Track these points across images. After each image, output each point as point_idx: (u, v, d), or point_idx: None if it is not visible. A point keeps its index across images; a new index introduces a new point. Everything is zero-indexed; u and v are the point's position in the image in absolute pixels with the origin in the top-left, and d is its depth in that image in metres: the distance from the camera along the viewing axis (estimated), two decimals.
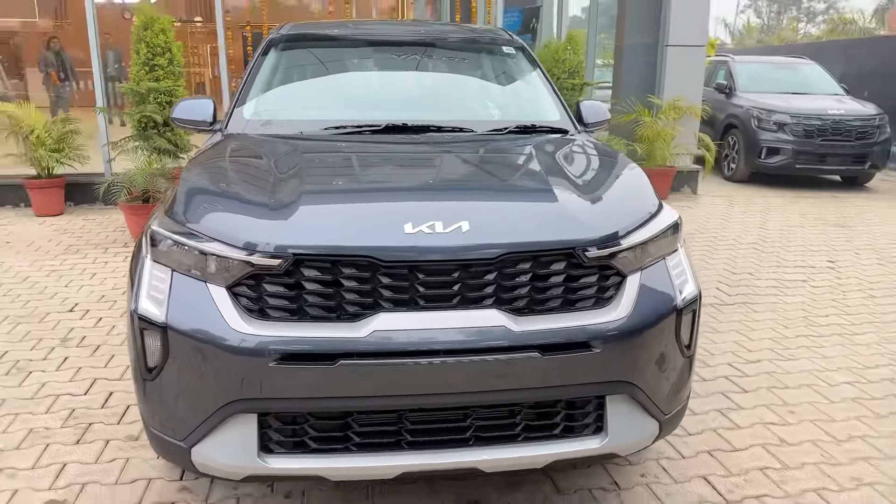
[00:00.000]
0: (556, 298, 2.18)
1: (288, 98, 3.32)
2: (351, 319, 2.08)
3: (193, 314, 2.10)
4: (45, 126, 6.96)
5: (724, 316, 4.50)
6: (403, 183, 2.51)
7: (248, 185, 2.38)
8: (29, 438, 2.96)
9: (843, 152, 9.16)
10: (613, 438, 2.23)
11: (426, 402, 2.11)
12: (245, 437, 2.10)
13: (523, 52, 3.69)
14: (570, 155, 2.82)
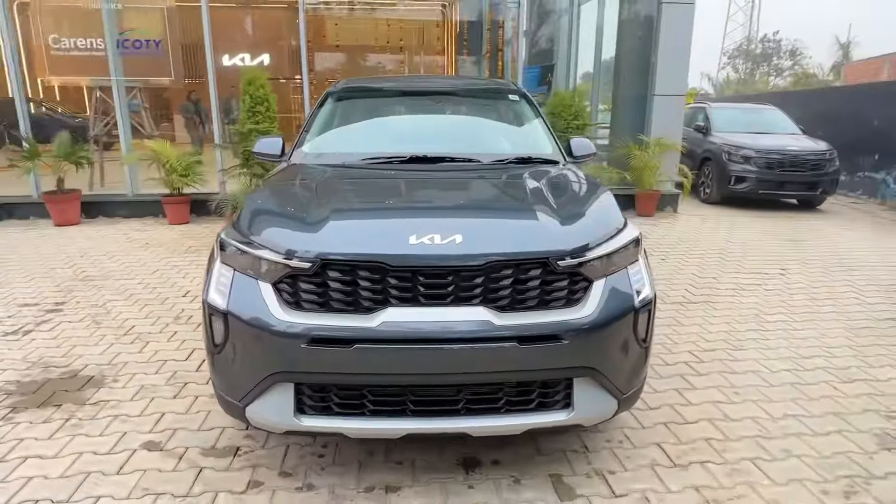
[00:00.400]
0: (534, 299, 2.08)
1: (337, 136, 3.29)
2: (365, 312, 2.02)
3: (247, 304, 2.07)
4: (177, 157, 7.13)
5: (688, 312, 4.27)
6: (414, 203, 2.44)
7: (293, 204, 2.35)
8: (140, 392, 3.00)
9: (800, 180, 8.68)
10: (578, 412, 2.12)
11: (425, 380, 2.04)
12: (284, 400, 2.07)
13: (525, 99, 3.58)
14: (554, 181, 2.70)
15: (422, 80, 3.88)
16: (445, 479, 2.31)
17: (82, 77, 7.85)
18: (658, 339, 3.72)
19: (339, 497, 2.20)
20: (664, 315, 4.17)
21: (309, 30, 13.95)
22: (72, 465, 2.38)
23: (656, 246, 6.28)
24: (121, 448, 2.50)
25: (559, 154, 3.19)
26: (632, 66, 8.39)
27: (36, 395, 2.96)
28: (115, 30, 7.33)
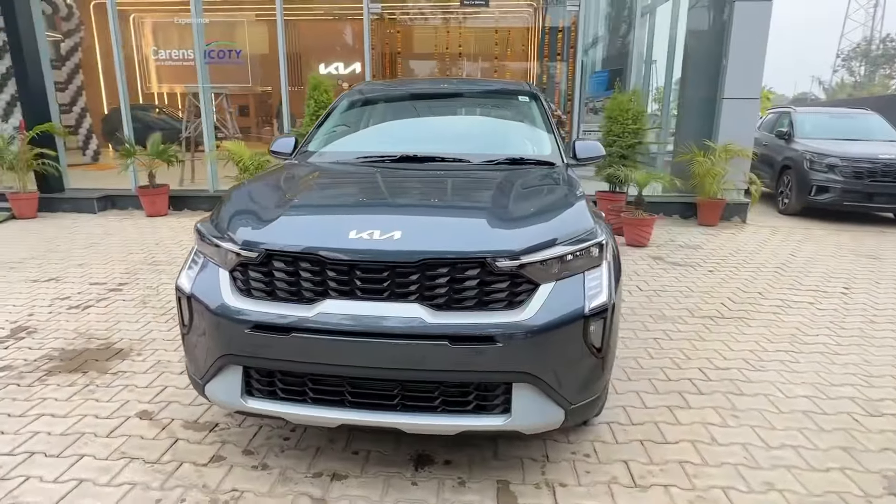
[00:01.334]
0: (472, 299, 2.01)
1: (341, 136, 3.35)
2: (306, 303, 2.04)
3: (206, 289, 2.17)
4: (250, 157, 7.59)
5: (716, 327, 3.91)
6: (372, 199, 2.44)
7: (261, 200, 2.41)
8: (154, 367, 3.22)
9: (892, 192, 7.68)
10: (516, 419, 2.02)
11: (357, 372, 2.02)
12: (233, 382, 2.14)
13: (536, 100, 3.45)
14: (531, 183, 2.59)
15: (435, 82, 3.86)
16: (393, 473, 2.29)
17: (176, 84, 8.59)
18: (669, 354, 3.45)
19: (287, 479, 2.25)
20: (686, 329, 3.86)
21: (397, 38, 14.37)
22: (73, 424, 2.62)
23: (706, 257, 5.82)
24: (118, 414, 2.71)
25: (559, 156, 3.05)
26: (700, 68, 7.84)
27: (71, 361, 3.28)
28: (202, 41, 7.95)
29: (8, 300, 4.33)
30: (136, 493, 2.15)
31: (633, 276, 5.07)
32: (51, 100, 8.16)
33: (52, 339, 3.61)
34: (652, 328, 3.87)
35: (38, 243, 6.17)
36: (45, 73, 8.01)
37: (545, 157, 3.02)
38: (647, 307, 4.27)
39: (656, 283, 4.88)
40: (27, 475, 2.25)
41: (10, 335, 3.67)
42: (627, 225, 6.28)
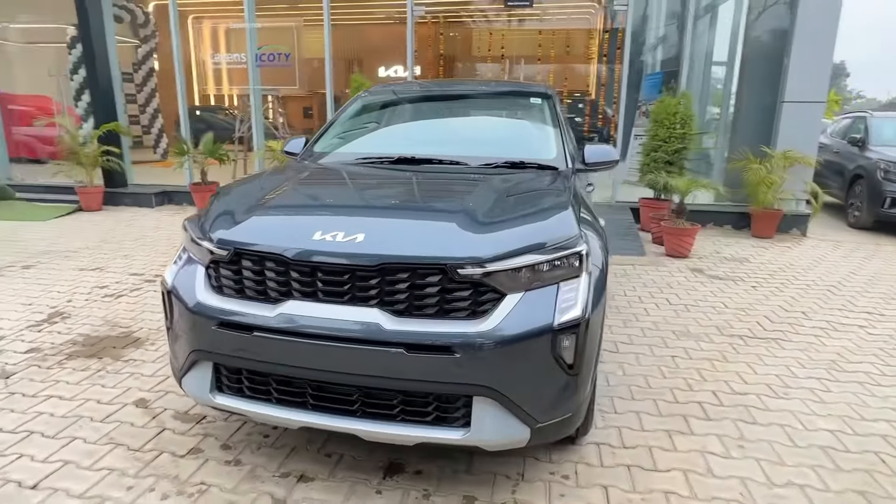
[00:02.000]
0: (432, 307, 1.93)
1: (347, 136, 3.35)
2: (271, 302, 2.04)
3: (184, 284, 2.21)
4: None
5: (744, 348, 3.62)
6: (344, 201, 2.41)
7: (244, 199, 2.41)
8: (163, 357, 3.33)
9: None
10: (476, 434, 1.93)
11: (315, 375, 2.00)
12: (204, 377, 2.18)
13: (548, 102, 3.32)
14: (521, 188, 2.48)
15: (449, 84, 3.79)
16: (360, 479, 2.25)
17: (231, 86, 8.98)
18: (684, 374, 3.22)
19: (255, 477, 2.26)
20: (709, 348, 3.60)
21: (453, 41, 14.39)
22: (75, 408, 2.75)
23: (752, 271, 5.42)
24: (118, 401, 2.83)
25: (564, 160, 2.91)
26: (759, 69, 7.35)
27: (92, 347, 3.47)
28: (255, 45, 8.26)
29: (54, 286, 4.65)
30: (111, 479, 2.22)
31: (665, 289, 4.80)
32: (118, 101, 8.73)
33: (81, 324, 3.83)
34: (672, 345, 3.63)
35: (95, 235, 6.61)
36: (113, 77, 8.58)
37: (548, 160, 2.89)
38: (672, 322, 4.02)
39: (688, 298, 4.59)
40: (21, 453, 2.38)
41: (47, 319, 3.93)
42: (667, 234, 5.96)
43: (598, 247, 2.34)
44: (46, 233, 6.70)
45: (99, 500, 2.11)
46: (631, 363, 3.35)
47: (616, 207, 7.58)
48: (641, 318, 4.10)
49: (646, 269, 5.44)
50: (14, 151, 10.61)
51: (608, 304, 4.35)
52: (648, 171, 6.82)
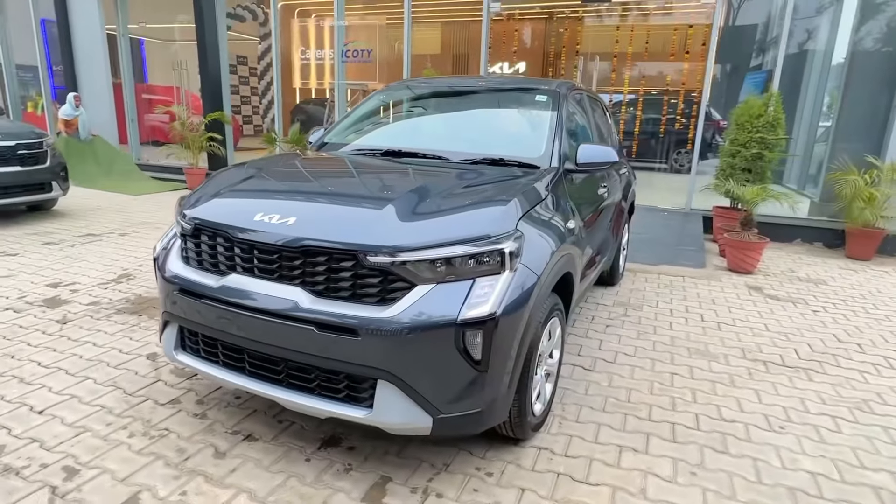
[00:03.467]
0: (346, 290, 2.06)
1: (357, 129, 3.52)
2: (218, 274, 2.28)
3: (164, 254, 2.53)
4: None
5: (761, 375, 3.30)
6: (297, 188, 2.58)
7: (225, 181, 2.67)
8: None
9: None
10: (377, 415, 2.04)
11: (247, 344, 2.20)
12: (171, 336, 2.47)
13: (555, 100, 3.25)
14: (474, 183, 2.49)
15: (463, 81, 3.80)
16: (296, 446, 2.43)
17: (322, 81, 9.62)
18: (675, 392, 3.03)
19: (210, 430, 2.53)
20: (720, 370, 3.33)
21: (562, 37, 14.14)
22: (101, 353, 3.22)
23: (823, 295, 4.85)
24: (135, 352, 3.26)
25: (547, 159, 2.86)
26: (868, 70, 6.47)
27: (139, 306, 4.00)
28: (342, 42, 8.79)
29: (135, 252, 5.37)
30: (99, 415, 2.61)
31: (705, 305, 4.47)
32: (225, 93, 9.71)
33: (140, 286, 4.42)
34: (679, 363, 3.41)
35: None
36: (222, 71, 9.55)
37: (530, 159, 2.86)
38: (693, 340, 3.76)
39: (727, 316, 4.25)
40: (44, 384, 2.86)
41: (115, 279, 4.57)
42: (729, 247, 5.50)
43: (546, 250, 2.30)
44: (150, 206, 7.69)
45: (82, 429, 2.49)
46: (622, 375, 3.21)
47: (689, 215, 7.10)
48: (660, 332, 3.88)
49: (695, 283, 5.08)
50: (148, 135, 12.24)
51: (626, 315, 4.17)
52: (723, 177, 6.31)
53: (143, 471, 2.23)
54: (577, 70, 10.16)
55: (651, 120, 11.24)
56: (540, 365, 2.48)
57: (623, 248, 4.99)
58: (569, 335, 3.75)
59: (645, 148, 11.40)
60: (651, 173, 11.03)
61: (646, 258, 5.66)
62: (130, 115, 10.82)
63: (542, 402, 2.56)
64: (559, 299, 2.56)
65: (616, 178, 4.20)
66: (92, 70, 10.67)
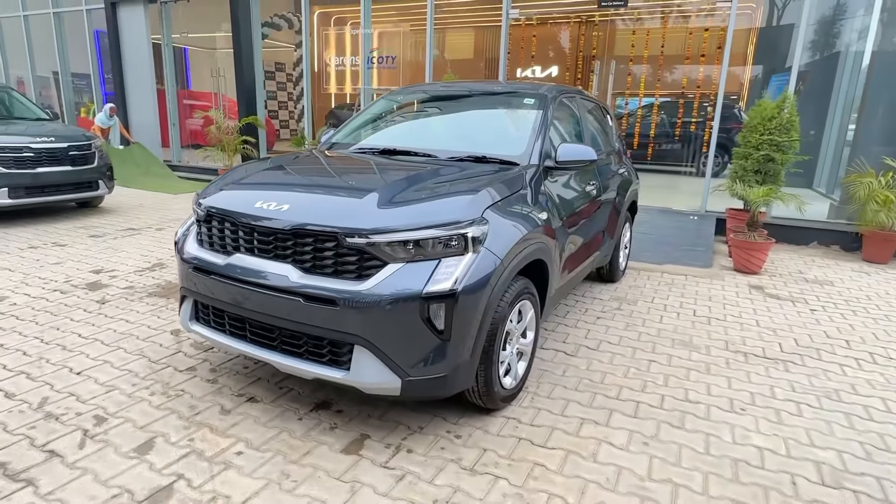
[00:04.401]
0: (330, 266, 2.39)
1: (360, 130, 3.87)
2: (225, 254, 2.65)
3: (183, 238, 2.93)
4: None
5: (738, 365, 3.47)
6: (297, 181, 2.92)
7: (233, 175, 3.06)
8: None
9: None
10: (353, 375, 2.36)
11: (247, 314, 2.56)
12: (188, 309, 2.87)
13: (542, 104, 3.52)
14: (457, 176, 2.80)
15: (459, 86, 4.10)
16: (292, 407, 2.78)
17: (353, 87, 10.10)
18: (648, 377, 3.25)
19: (219, 392, 2.91)
20: (698, 359, 3.52)
21: (594, 41, 14.29)
22: (132, 329, 3.67)
23: (825, 296, 4.93)
24: (162, 328, 3.69)
25: (526, 157, 3.13)
26: (889, 72, 6.45)
27: (169, 290, 4.46)
28: (368, 49, 9.23)
29: (168, 245, 5.89)
30: (126, 377, 3.02)
31: (700, 301, 4.63)
32: (258, 98, 10.31)
33: (171, 274, 4.89)
34: (660, 352, 3.62)
35: None
36: (256, 77, 10.15)
37: (510, 157, 3.14)
38: (679, 332, 3.95)
39: (720, 312, 4.40)
40: (82, 352, 3.31)
41: (150, 268, 5.07)
42: (735, 247, 5.62)
43: (511, 237, 2.58)
44: (187, 204, 8.28)
45: (112, 388, 2.91)
46: (601, 361, 3.44)
47: (703, 217, 7.20)
48: (648, 325, 4.08)
49: (697, 281, 5.23)
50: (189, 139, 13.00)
51: (619, 309, 4.38)
52: (735, 179, 6.40)
53: (160, 421, 2.62)
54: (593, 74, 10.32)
55: (678, 123, 11.28)
56: (510, 342, 2.76)
57: (625, 245, 5.19)
58: (559, 325, 4.00)
59: (672, 151, 11.45)
60: (677, 177, 11.08)
61: (652, 257, 5.83)
62: (172, 119, 11.57)
63: (513, 378, 2.83)
64: (531, 284, 2.83)
65: (611, 177, 4.42)
66: (138, 77, 11.47)
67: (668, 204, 7.73)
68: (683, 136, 11.24)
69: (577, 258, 3.67)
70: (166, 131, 11.72)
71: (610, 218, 4.38)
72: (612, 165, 4.59)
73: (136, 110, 11.36)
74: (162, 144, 11.74)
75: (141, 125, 11.50)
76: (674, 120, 11.19)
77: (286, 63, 17.98)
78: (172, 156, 11.69)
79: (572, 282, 3.81)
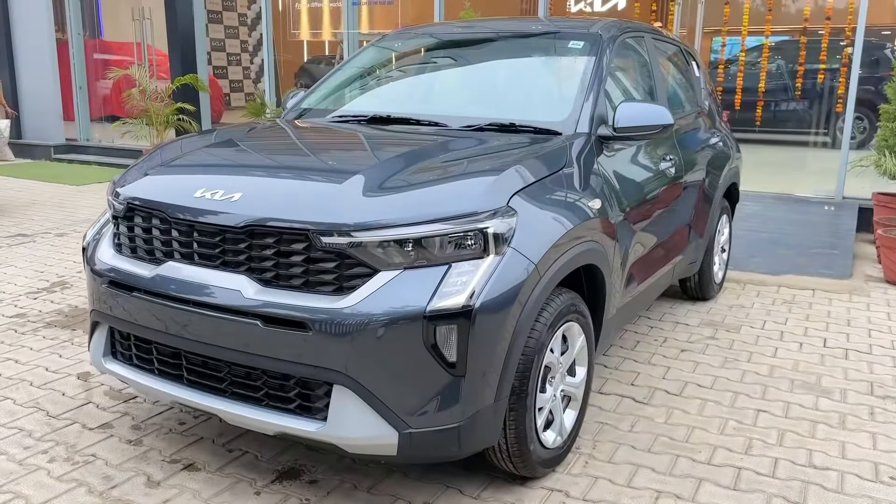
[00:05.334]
0: (299, 277, 2.49)
1: (340, 92, 4.00)
2: (154, 262, 2.77)
3: (94, 242, 3.07)
4: None
5: (887, 416, 3.50)
6: (252, 161, 3.05)
7: (161, 156, 3.18)
8: None
9: None
10: (332, 428, 2.44)
11: (184, 345, 2.66)
12: (101, 341, 3.00)
13: (595, 48, 3.59)
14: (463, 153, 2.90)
15: (478, 25, 4.21)
16: (246, 478, 2.87)
17: (334, 32, 10.31)
18: (756, 433, 3.29)
19: (144, 458, 3.01)
20: (829, 409, 3.56)
21: None
22: (23, 371, 3.82)
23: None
24: (64, 371, 3.84)
25: (575, 124, 3.21)
26: None
27: (72, 319, 4.62)
28: None
29: (74, 255, 6.08)
30: (16, 438, 3.15)
31: (833, 326, 4.68)
32: (199, 49, 10.59)
33: (77, 296, 5.06)
34: (772, 397, 3.66)
35: None
36: (196, 17, 10.43)
37: (548, 123, 3.22)
38: (801, 370, 4.00)
39: (862, 341, 4.43)
40: None
41: (49, 287, 5.25)
42: (885, 248, 5.63)
43: (550, 233, 2.66)
44: (97, 200, 8.53)
45: None
46: (687, 411, 3.49)
47: (840, 206, 7.21)
48: (757, 361, 4.12)
49: (830, 298, 5.26)
50: (101, 109, 13.34)
51: (713, 338, 4.43)
52: (883, 149, 6.41)
53: (62, 498, 2.74)
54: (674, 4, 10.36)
55: (800, 72, 11.26)
56: (551, 381, 2.83)
57: (722, 248, 5.24)
58: (624, 361, 4.06)
59: (792, 113, 11.44)
60: (800, 149, 11.08)
61: (764, 265, 5.87)
62: (79, 80, 11.90)
63: (557, 432, 2.90)
64: (580, 300, 2.91)
65: (699, 149, 4.48)
66: (29, 22, 11.80)
67: (786, 189, 7.77)
68: (807, 91, 11.22)
69: (648, 266, 3.74)
70: (70, 99, 12.04)
71: (697, 208, 4.44)
72: (700, 133, 4.65)
73: (26, 70, 11.71)
74: (64, 118, 12.06)
75: (34, 91, 11.84)
76: (793, 67, 11.19)
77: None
78: (78, 133, 12.00)
79: (642, 299, 3.87)
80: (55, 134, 11.86)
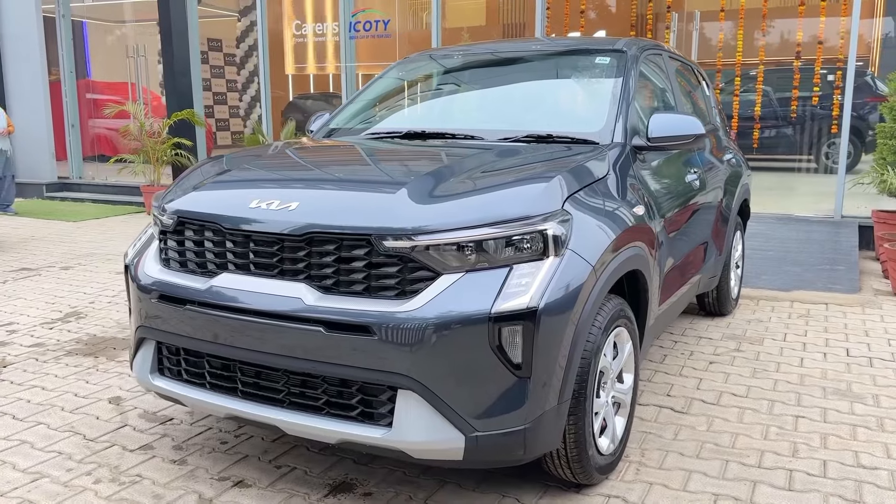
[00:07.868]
0: (361, 283, 2.49)
1: (367, 112, 4.05)
2: (207, 275, 2.76)
3: (138, 258, 3.06)
4: None
5: None
6: (299, 174, 3.07)
7: (206, 171, 3.20)
8: None
9: None
10: (397, 434, 2.42)
11: (242, 356, 2.64)
12: (146, 357, 2.97)
13: (619, 61, 3.68)
14: (518, 162, 2.95)
15: (501, 46, 4.31)
16: (299, 493, 2.83)
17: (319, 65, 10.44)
18: (799, 437, 3.30)
19: (192, 476, 2.96)
20: (865, 413, 3.59)
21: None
22: (53, 398, 3.75)
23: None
24: (94, 396, 3.78)
25: (611, 134, 3.28)
26: None
27: (93, 346, 4.56)
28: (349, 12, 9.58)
29: (84, 288, 6.02)
30: (57, 461, 3.09)
31: (853, 337, 4.74)
32: (195, 85, 10.62)
33: (93, 325, 5.00)
34: (808, 403, 3.69)
35: None
36: (191, 55, 10.49)
37: (585, 134, 3.28)
38: (831, 378, 4.03)
39: (884, 350, 4.48)
40: None
41: (62, 318, 5.18)
42: (892, 262, 5.72)
43: (602, 237, 2.70)
44: (96, 235, 8.46)
45: (38, 475, 2.97)
46: (727, 419, 3.50)
47: (839, 225, 7.33)
48: (784, 370, 4.15)
49: (844, 311, 5.32)
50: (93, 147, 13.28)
51: (738, 350, 4.47)
52: (881, 166, 6.56)
53: None
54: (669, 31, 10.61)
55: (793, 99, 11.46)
56: (604, 386, 2.84)
57: (736, 264, 5.30)
58: (655, 373, 4.07)
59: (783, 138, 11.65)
60: (792, 174, 11.29)
61: (774, 281, 5.94)
62: (72, 118, 11.87)
63: (610, 439, 2.90)
64: (627, 305, 2.93)
65: (716, 166, 4.57)
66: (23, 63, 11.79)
67: (785, 209, 7.89)
68: (795, 118, 11.45)
69: (677, 278, 3.78)
70: (62, 137, 12.00)
71: (716, 224, 4.51)
72: (715, 149, 4.74)
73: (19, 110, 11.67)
74: (57, 157, 12.00)
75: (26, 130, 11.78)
76: (785, 95, 11.43)
77: (223, 39, 18.49)
78: (71, 171, 11.94)
79: (672, 311, 3.91)
80: (47, 172, 11.77)
